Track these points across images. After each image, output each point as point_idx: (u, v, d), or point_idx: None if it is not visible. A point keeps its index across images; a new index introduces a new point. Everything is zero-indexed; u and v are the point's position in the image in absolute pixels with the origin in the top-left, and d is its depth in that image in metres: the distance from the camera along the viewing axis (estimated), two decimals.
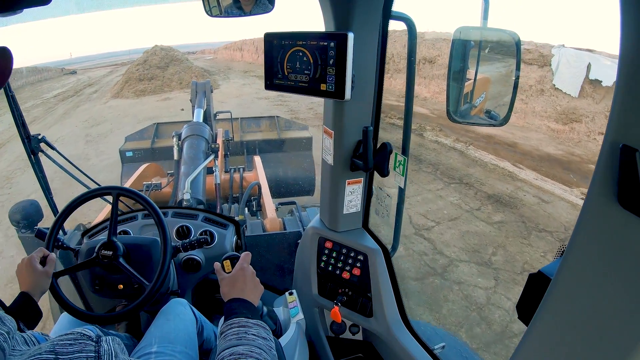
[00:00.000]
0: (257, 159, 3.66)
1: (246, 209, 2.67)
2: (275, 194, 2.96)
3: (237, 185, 3.20)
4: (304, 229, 2.07)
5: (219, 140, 3.17)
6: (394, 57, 11.61)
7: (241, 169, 3.35)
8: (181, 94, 13.92)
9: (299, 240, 2.01)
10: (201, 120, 3.03)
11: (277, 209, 2.66)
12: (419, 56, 10.84)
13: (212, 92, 3.49)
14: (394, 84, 11.22)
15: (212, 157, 2.56)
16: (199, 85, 3.41)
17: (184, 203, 2.10)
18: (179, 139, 2.65)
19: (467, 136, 7.25)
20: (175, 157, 2.64)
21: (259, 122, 5.04)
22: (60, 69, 29.00)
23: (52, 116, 11.74)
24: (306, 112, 9.92)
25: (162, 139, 4.57)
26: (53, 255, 1.07)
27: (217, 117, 3.86)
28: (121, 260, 1.15)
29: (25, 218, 2.02)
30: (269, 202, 2.70)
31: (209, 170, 2.70)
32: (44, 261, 1.04)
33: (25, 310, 0.93)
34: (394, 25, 1.06)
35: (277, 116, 5.07)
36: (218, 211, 2.51)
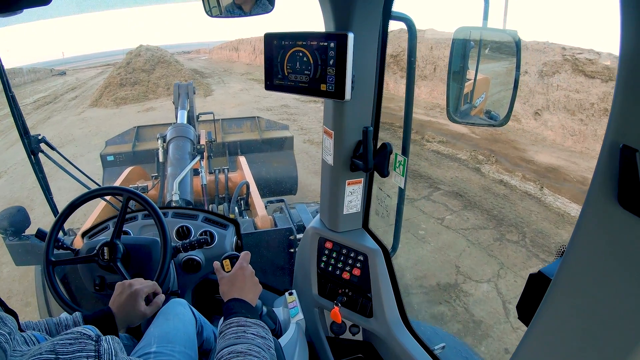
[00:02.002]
0: (242, 159, 3.68)
1: (236, 208, 2.69)
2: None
3: (223, 186, 3.22)
4: (294, 226, 2.08)
5: (202, 142, 3.18)
6: (417, 62, 10.38)
7: (226, 170, 3.37)
8: (167, 102, 12.04)
9: (291, 237, 2.02)
10: (185, 121, 3.02)
11: (265, 208, 2.67)
12: (445, 61, 9.97)
13: (194, 93, 3.50)
14: (417, 92, 10.17)
15: (198, 158, 2.57)
16: (181, 87, 3.43)
17: (173, 204, 2.10)
18: (164, 141, 2.64)
19: (529, 169, 5.95)
20: (161, 159, 2.63)
21: (240, 123, 5.09)
22: (49, 70, 28.54)
23: (17, 132, 10.32)
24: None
25: (143, 142, 4.58)
26: (162, 297, 1.02)
27: (200, 119, 3.86)
28: (119, 263, 1.15)
29: (13, 225, 1.99)
30: (258, 201, 2.72)
31: (195, 172, 2.70)
32: (150, 298, 1.00)
33: (100, 329, 0.90)
34: (417, 25, 1.05)
35: (257, 117, 5.09)
36: None
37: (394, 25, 1.05)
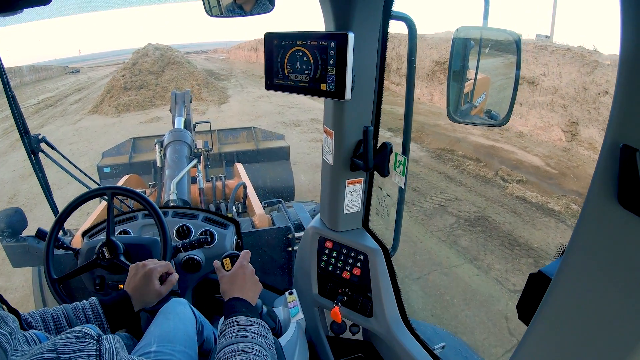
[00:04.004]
0: (239, 166, 3.74)
1: (233, 207, 2.69)
2: None
3: (220, 192, 3.25)
4: (292, 224, 2.09)
5: (200, 146, 3.20)
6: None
7: (223, 177, 3.40)
8: None
9: (289, 235, 2.02)
10: (182, 127, 3.04)
11: (263, 208, 2.68)
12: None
13: (191, 102, 3.54)
14: None
15: (195, 161, 2.57)
16: (178, 95, 3.48)
17: (170, 203, 2.10)
18: (162, 146, 2.66)
19: None
20: (158, 164, 2.64)
21: (237, 134, 5.14)
22: (63, 68, 28.29)
23: (2, 143, 8.81)
24: None
25: (140, 154, 4.62)
26: (176, 276, 1.03)
27: (196, 129, 3.89)
28: (122, 257, 1.15)
29: (10, 227, 1.98)
30: (255, 201, 2.73)
31: (192, 180, 2.71)
32: (164, 278, 1.01)
33: (118, 311, 0.91)
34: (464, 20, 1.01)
35: (253, 127, 5.15)
36: None
37: (439, 27, 1.02)
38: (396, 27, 1.07)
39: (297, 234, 2.05)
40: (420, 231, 4.33)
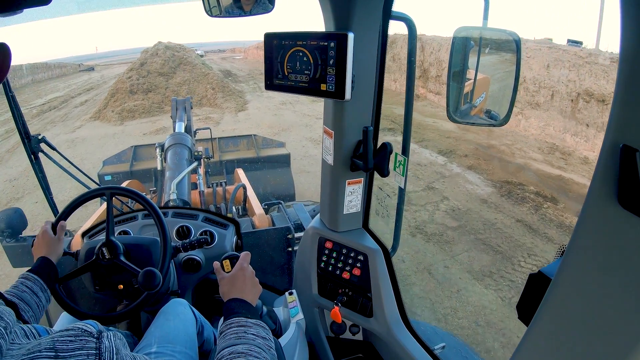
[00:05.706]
0: (240, 171, 3.77)
1: (233, 208, 2.70)
2: None
3: (221, 197, 3.26)
4: (292, 224, 2.09)
5: (200, 148, 3.22)
6: (527, 84, 7.91)
7: (223, 183, 3.43)
8: None
9: (289, 235, 2.02)
10: (183, 131, 3.05)
11: (263, 208, 2.68)
12: (577, 87, 7.25)
13: (191, 108, 3.57)
14: (524, 124, 7.77)
15: (196, 163, 2.59)
16: (178, 102, 3.52)
17: (170, 204, 2.10)
18: (162, 150, 2.67)
19: None
20: (159, 167, 2.66)
21: (237, 141, 5.20)
22: (77, 65, 27.61)
23: None
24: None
25: (141, 162, 4.67)
26: (63, 222, 1.17)
27: (196, 136, 3.90)
28: (122, 257, 1.15)
29: (10, 227, 1.99)
30: (255, 201, 2.74)
31: (193, 186, 2.71)
32: (55, 230, 1.15)
33: (45, 270, 1.07)
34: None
35: (254, 135, 5.19)
36: None
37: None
38: (431, 29, 1.06)
39: (297, 234, 2.05)
40: (518, 325, 2.94)
